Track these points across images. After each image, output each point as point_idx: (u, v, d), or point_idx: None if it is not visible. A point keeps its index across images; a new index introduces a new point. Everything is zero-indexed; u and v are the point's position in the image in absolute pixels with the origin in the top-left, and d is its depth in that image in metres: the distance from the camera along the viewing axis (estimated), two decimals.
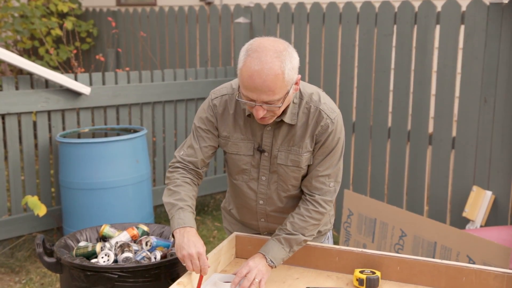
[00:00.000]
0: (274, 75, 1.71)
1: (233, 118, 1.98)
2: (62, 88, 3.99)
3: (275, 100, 1.76)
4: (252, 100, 1.77)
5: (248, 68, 1.73)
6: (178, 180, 1.98)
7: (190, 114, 4.76)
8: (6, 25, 5.97)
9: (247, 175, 2.02)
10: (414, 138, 3.96)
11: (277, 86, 1.73)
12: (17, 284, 3.60)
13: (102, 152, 3.72)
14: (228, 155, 2.04)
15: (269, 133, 1.95)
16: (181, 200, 1.92)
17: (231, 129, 1.99)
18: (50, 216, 4.04)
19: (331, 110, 1.93)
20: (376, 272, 1.89)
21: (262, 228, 2.14)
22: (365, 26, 4.13)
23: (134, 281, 2.20)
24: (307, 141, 1.93)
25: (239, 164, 2.02)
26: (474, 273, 1.85)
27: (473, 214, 3.56)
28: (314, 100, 1.93)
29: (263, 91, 1.73)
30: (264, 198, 2.05)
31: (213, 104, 2.01)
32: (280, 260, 1.94)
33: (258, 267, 1.86)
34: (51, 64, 6.12)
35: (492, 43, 3.54)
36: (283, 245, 1.94)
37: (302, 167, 1.95)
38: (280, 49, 1.75)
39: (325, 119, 1.91)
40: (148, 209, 4.00)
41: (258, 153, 1.98)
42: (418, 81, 3.91)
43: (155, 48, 6.02)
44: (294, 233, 1.94)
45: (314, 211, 1.96)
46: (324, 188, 1.96)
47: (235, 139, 1.99)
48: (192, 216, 1.92)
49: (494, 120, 3.59)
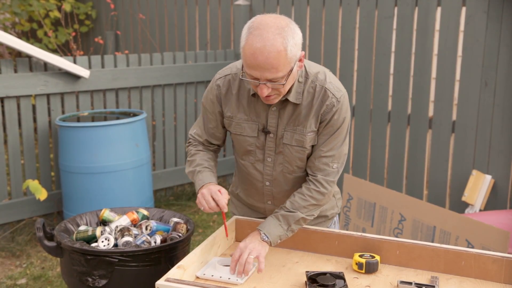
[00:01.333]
0: (276, 52, 1.69)
1: (236, 98, 1.97)
2: (61, 71, 3.97)
3: (279, 78, 1.74)
4: (256, 79, 1.76)
5: (250, 46, 1.71)
6: (192, 150, 2.10)
7: (190, 98, 4.75)
8: (4, 7, 5.92)
9: (253, 156, 2.02)
10: (414, 121, 3.95)
11: (280, 63, 1.71)
12: (18, 268, 3.62)
13: (102, 136, 3.72)
14: (233, 135, 2.04)
15: (274, 114, 1.94)
16: (197, 165, 2.03)
17: (234, 110, 1.98)
18: (50, 200, 4.05)
19: (337, 89, 1.91)
20: (376, 256, 1.90)
21: (269, 211, 2.13)
22: (366, 8, 4.10)
23: (134, 265, 2.21)
24: (312, 121, 1.91)
25: (244, 145, 2.01)
26: (473, 257, 1.86)
27: (472, 198, 3.57)
28: (320, 79, 1.90)
29: (266, 69, 1.71)
30: (270, 180, 2.04)
31: (216, 84, 2.01)
32: (276, 236, 1.90)
33: (250, 246, 1.84)
34: (50, 46, 6.09)
35: (493, 26, 3.52)
36: (280, 222, 1.92)
37: (307, 147, 1.94)
38: (282, 25, 1.72)
39: (330, 98, 1.88)
40: (148, 193, 4.01)
41: (263, 135, 1.97)
42: (418, 64, 3.90)
43: (154, 30, 5.98)
44: (293, 210, 1.92)
45: (315, 190, 1.93)
46: (327, 169, 1.94)
47: (239, 120, 1.98)
48: (209, 174, 2.00)
49: (495, 103, 3.58)
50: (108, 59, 4.25)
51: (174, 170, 4.73)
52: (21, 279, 3.47)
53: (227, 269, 1.85)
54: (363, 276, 1.86)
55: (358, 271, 1.89)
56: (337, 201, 2.20)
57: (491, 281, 1.84)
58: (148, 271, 2.22)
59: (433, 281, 1.81)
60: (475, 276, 1.86)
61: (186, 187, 4.88)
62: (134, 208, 2.62)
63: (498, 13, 3.49)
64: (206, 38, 5.44)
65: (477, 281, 1.85)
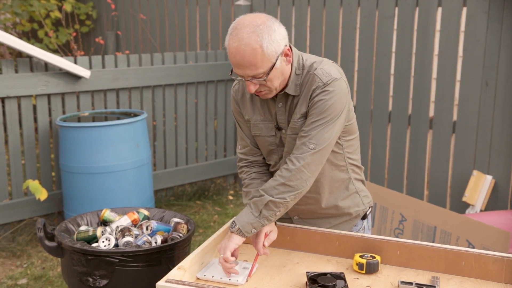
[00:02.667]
0: (251, 50, 1.74)
1: (250, 101, 2.01)
2: (62, 71, 3.97)
3: (260, 74, 1.79)
4: (241, 76, 1.83)
5: (230, 46, 1.79)
6: (246, 180, 2.07)
7: (190, 98, 4.75)
8: (5, 7, 5.93)
9: (276, 155, 2.03)
10: (414, 122, 3.95)
11: (258, 60, 1.76)
12: (19, 268, 3.62)
13: (102, 136, 3.72)
14: (256, 138, 2.06)
15: (281, 110, 1.96)
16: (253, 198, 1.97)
17: (250, 112, 2.01)
18: (51, 200, 4.05)
19: (327, 74, 1.87)
20: (376, 257, 1.90)
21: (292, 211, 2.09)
22: (366, 8, 4.10)
23: (135, 265, 2.21)
24: (302, 106, 1.91)
25: (265, 145, 2.03)
26: (473, 257, 1.86)
27: (473, 199, 3.57)
28: (314, 68, 1.91)
29: (245, 66, 1.77)
30: None
31: (234, 90, 2.07)
32: (246, 224, 1.85)
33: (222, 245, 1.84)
34: (51, 47, 6.09)
35: (494, 26, 3.52)
36: (251, 209, 1.87)
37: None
38: (258, 23, 1.77)
39: (317, 82, 1.87)
40: (149, 194, 4.01)
41: (279, 132, 1.99)
42: (419, 65, 3.89)
43: (155, 30, 5.99)
44: (262, 193, 1.86)
45: (284, 168, 1.86)
46: (303, 148, 1.85)
47: (255, 121, 2.01)
48: None
49: (495, 104, 3.58)
50: (108, 59, 4.25)
51: (175, 170, 4.73)
52: (22, 279, 3.47)
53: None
54: (364, 277, 1.86)
55: (358, 271, 1.89)
56: (362, 198, 2.11)
57: (491, 281, 1.84)
58: (149, 271, 2.22)
59: (434, 281, 1.81)
60: (475, 276, 1.86)
61: (187, 187, 4.88)
62: (134, 208, 2.63)
63: (498, 14, 3.49)
64: (207, 38, 5.44)
65: (478, 281, 1.84)
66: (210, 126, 4.92)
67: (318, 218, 2.09)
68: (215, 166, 4.97)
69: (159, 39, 5.98)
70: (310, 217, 2.10)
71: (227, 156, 5.10)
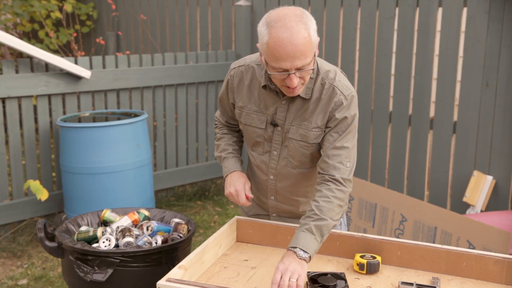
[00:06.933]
0: (303, 38, 1.74)
1: (248, 89, 2.02)
2: (62, 71, 3.98)
3: (307, 64, 1.79)
4: (285, 70, 1.79)
5: (276, 38, 1.74)
6: (218, 134, 2.22)
7: (191, 98, 4.75)
8: (6, 7, 5.93)
9: (261, 148, 2.05)
10: (415, 122, 3.95)
11: (308, 49, 1.76)
12: (19, 268, 3.62)
13: (103, 136, 3.72)
14: (243, 126, 2.07)
15: (283, 107, 1.97)
16: (222, 151, 2.15)
17: (246, 100, 2.03)
18: (52, 201, 4.05)
19: (346, 87, 1.93)
20: (377, 257, 1.90)
21: (272, 207, 2.14)
22: (367, 9, 4.10)
23: (135, 265, 2.21)
24: (318, 117, 1.93)
25: (252, 136, 2.05)
26: (474, 258, 1.86)
27: (473, 199, 3.57)
28: (330, 77, 1.93)
29: (296, 57, 1.75)
30: (274, 174, 2.05)
31: (230, 75, 2.07)
32: (314, 251, 1.76)
33: (290, 267, 1.70)
34: (51, 47, 6.09)
35: (494, 26, 3.52)
36: (315, 235, 1.77)
37: (310, 143, 1.95)
38: (299, 13, 1.79)
39: (338, 95, 1.91)
40: (149, 194, 4.01)
41: (271, 127, 2.00)
42: (419, 65, 3.89)
43: (156, 31, 5.99)
44: (324, 217, 1.80)
45: (337, 189, 1.86)
46: (342, 168, 1.90)
47: (249, 110, 2.03)
48: (233, 160, 2.11)
49: (496, 104, 3.58)
50: (109, 59, 4.25)
51: (175, 171, 4.73)
52: (22, 280, 3.47)
53: None
54: (364, 277, 1.86)
55: (359, 271, 1.89)
56: None
57: (492, 282, 1.84)
58: (149, 271, 2.22)
59: (434, 282, 1.81)
60: (476, 277, 1.86)
61: (187, 188, 4.88)
62: (135, 208, 2.63)
63: (499, 14, 3.49)
64: (207, 39, 5.44)
65: (478, 282, 1.84)
66: (211, 127, 4.92)
67: (295, 217, 2.14)
68: (216, 167, 4.97)
69: (159, 40, 5.98)
70: (288, 216, 2.15)
71: None
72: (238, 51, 4.95)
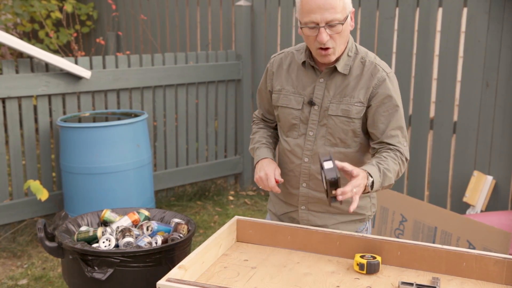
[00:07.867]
0: None
1: (286, 71, 2.09)
2: (63, 72, 3.98)
3: (338, 19, 1.85)
4: (315, 24, 1.85)
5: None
6: (254, 128, 2.28)
7: (191, 98, 4.75)
8: (6, 7, 5.93)
9: (296, 131, 2.07)
10: (415, 122, 3.95)
11: (338, 3, 1.84)
12: (19, 268, 3.62)
13: (103, 136, 3.72)
14: (279, 109, 2.10)
15: (321, 85, 2.01)
16: (256, 142, 2.19)
17: (284, 82, 2.08)
18: (52, 201, 4.05)
19: (386, 66, 2.01)
20: (377, 257, 1.90)
21: (302, 197, 2.10)
22: (367, 9, 4.10)
23: (135, 265, 2.21)
24: (361, 92, 1.97)
25: (288, 118, 2.07)
26: (474, 258, 1.86)
27: (473, 199, 3.57)
28: (370, 56, 2.01)
29: (326, 9, 1.83)
30: (309, 155, 2.05)
31: (270, 63, 2.16)
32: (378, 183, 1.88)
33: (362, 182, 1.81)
34: (51, 47, 6.09)
35: (494, 26, 3.52)
36: (380, 173, 1.89)
37: (351, 118, 1.98)
38: None
39: (381, 72, 1.97)
40: (149, 194, 4.01)
41: (308, 107, 2.03)
42: (419, 65, 3.89)
43: (156, 31, 5.99)
44: (390, 170, 1.90)
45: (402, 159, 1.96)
46: (402, 148, 1.98)
47: (286, 92, 2.07)
48: (266, 150, 2.14)
49: (496, 104, 3.58)
50: (109, 59, 4.25)
51: (175, 171, 4.73)
52: (22, 280, 3.47)
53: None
54: (364, 277, 1.86)
55: (359, 271, 1.89)
56: (371, 205, 2.17)
57: (492, 283, 1.84)
58: (149, 271, 2.22)
59: (434, 282, 1.81)
60: (476, 277, 1.86)
61: (187, 188, 4.88)
62: (135, 208, 2.63)
63: (499, 14, 3.49)
64: (208, 39, 5.44)
65: (479, 282, 1.84)
66: (211, 127, 4.92)
67: (325, 212, 2.10)
68: (216, 167, 4.97)
69: (159, 40, 5.98)
70: (317, 209, 2.11)
71: (228, 157, 5.10)
72: (238, 51, 4.95)
